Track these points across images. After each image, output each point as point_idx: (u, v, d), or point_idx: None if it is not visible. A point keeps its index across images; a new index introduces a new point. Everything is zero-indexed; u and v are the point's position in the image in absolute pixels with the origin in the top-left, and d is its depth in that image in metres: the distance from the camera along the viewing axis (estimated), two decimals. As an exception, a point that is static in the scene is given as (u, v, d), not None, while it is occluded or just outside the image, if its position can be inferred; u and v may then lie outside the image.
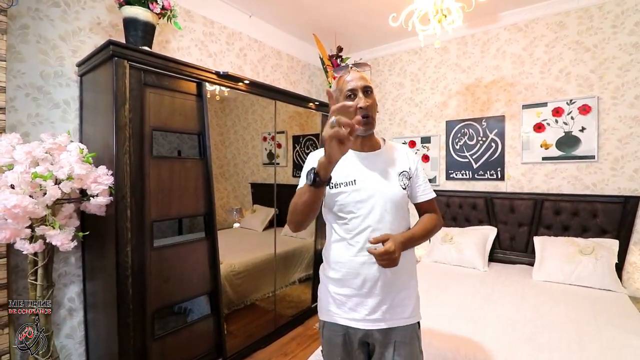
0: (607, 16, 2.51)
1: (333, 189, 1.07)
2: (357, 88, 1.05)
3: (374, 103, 1.08)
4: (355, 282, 1.05)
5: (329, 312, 1.12)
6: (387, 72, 3.68)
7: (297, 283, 3.09)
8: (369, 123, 1.06)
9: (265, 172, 3.33)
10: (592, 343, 1.59)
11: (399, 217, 1.07)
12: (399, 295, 1.06)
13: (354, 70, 1.09)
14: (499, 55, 3.00)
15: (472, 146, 3.17)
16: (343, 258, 1.07)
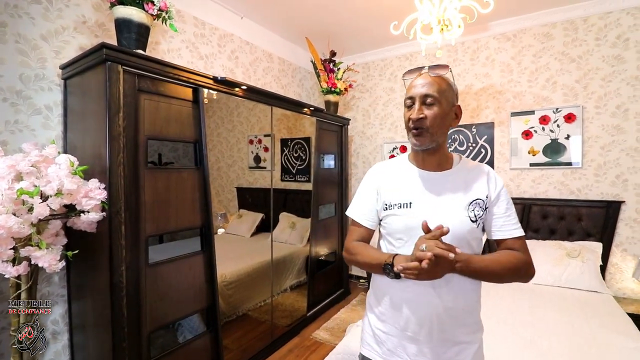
0: (591, 29, 2.63)
1: (386, 210, 0.96)
2: (415, 96, 0.90)
3: (435, 115, 0.89)
4: (399, 321, 0.92)
5: (368, 347, 1.01)
6: (378, 77, 3.69)
7: (289, 290, 3.02)
8: (420, 136, 0.90)
9: (251, 176, 3.24)
10: (591, 348, 1.64)
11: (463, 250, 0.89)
12: (452, 348, 0.89)
13: (424, 74, 0.93)
14: (488, 63, 3.07)
15: (462, 152, 3.23)
16: (388, 288, 0.95)
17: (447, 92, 0.91)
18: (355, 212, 1.04)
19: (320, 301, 3.12)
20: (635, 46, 2.49)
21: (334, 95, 3.31)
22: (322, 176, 3.17)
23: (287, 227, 3.17)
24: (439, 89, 0.89)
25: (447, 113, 0.91)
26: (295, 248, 3.13)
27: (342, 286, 3.49)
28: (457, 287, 0.88)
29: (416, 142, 0.92)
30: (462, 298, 0.89)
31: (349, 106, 3.90)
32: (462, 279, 0.89)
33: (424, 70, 0.93)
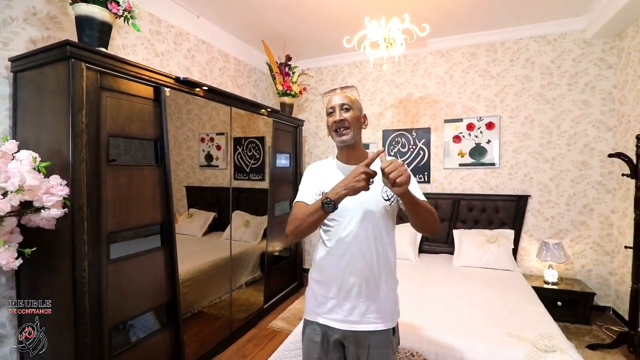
0: (506, 52, 3.15)
1: (320, 196, 1.14)
2: (335, 106, 1.17)
3: (351, 117, 1.15)
4: (336, 285, 1.13)
5: (311, 312, 1.21)
6: (330, 82, 3.93)
7: (245, 286, 3.11)
8: (343, 133, 1.16)
9: (202, 175, 3.26)
10: (503, 313, 2.04)
11: (380, 226, 1.14)
12: (376, 301, 1.13)
13: (337, 92, 1.23)
14: (426, 75, 3.48)
15: (404, 153, 3.61)
16: (326, 262, 1.16)
17: (356, 103, 1.21)
18: (301, 195, 1.21)
19: (276, 294, 3.27)
20: (539, 68, 3.05)
21: (289, 98, 3.48)
22: (278, 175, 3.32)
23: (242, 225, 3.24)
24: (350, 100, 1.18)
25: (358, 117, 1.19)
26: (249, 245, 3.22)
27: (296, 279, 3.67)
28: (379, 256, 1.14)
29: (340, 138, 1.17)
30: (384, 263, 1.14)
31: (303, 108, 4.09)
32: (384, 249, 1.14)
33: (337, 90, 1.23)
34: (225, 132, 3.32)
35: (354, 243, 1.12)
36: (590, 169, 2.92)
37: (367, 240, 1.12)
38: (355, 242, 1.12)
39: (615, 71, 2.81)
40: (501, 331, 1.84)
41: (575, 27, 2.88)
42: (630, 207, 2.62)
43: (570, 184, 2.98)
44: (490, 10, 2.74)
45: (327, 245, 1.17)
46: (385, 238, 1.15)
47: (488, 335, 1.79)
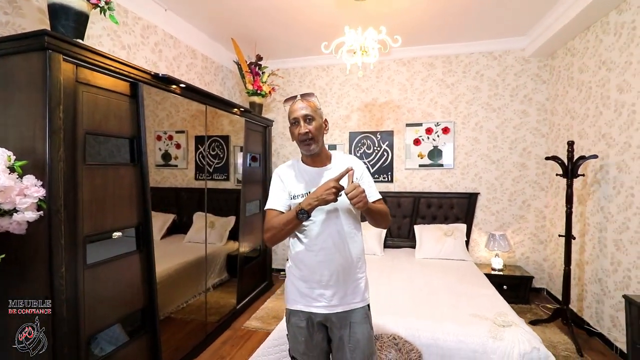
0: (460, 64, 3.50)
1: (293, 199, 1.27)
2: (299, 117, 1.23)
3: (315, 128, 1.23)
4: (316, 277, 1.24)
5: (295, 302, 1.30)
6: (298, 83, 4.00)
7: (212, 289, 3.05)
8: (308, 144, 1.23)
9: (159, 175, 3.13)
10: (463, 296, 2.29)
11: (349, 221, 1.27)
12: (352, 285, 1.27)
13: (299, 100, 1.26)
14: (389, 82, 3.72)
15: (369, 154, 3.82)
16: (304, 257, 1.25)
17: (318, 111, 1.27)
18: (272, 202, 1.29)
19: (247, 294, 3.25)
20: (487, 80, 3.44)
21: (259, 98, 3.48)
22: (248, 175, 3.31)
23: (205, 226, 3.17)
24: (313, 109, 1.24)
25: (321, 125, 1.27)
26: (215, 247, 3.14)
27: (266, 279, 3.68)
28: (350, 246, 1.27)
29: (307, 150, 1.25)
30: (354, 252, 1.28)
31: (270, 108, 4.10)
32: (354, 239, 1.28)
33: (297, 97, 1.27)
34: (186, 130, 3.21)
35: (328, 238, 1.23)
36: (528, 169, 3.38)
37: (339, 234, 1.24)
38: (329, 237, 1.23)
39: (548, 86, 3.29)
40: (465, 313, 2.08)
41: (516, 45, 3.31)
42: (560, 202, 3.09)
43: (511, 183, 3.41)
44: (447, 26, 3.04)
45: (304, 242, 1.26)
46: (353, 229, 1.29)
47: (455, 317, 2.01)
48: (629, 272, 2.17)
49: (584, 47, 2.67)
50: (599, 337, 2.45)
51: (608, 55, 2.37)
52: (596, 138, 2.52)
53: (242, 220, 3.16)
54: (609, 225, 2.38)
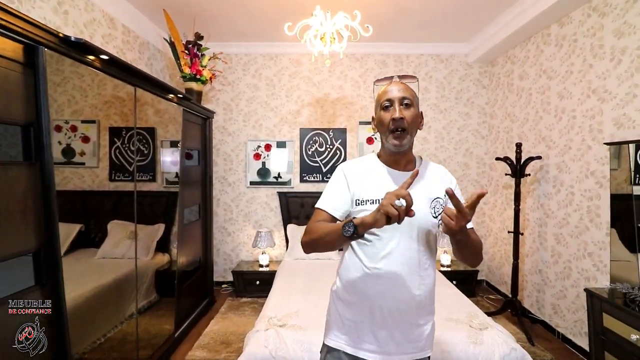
0: (410, 64, 3.52)
1: (358, 205, 0.99)
2: (394, 99, 0.97)
3: (413, 117, 0.97)
4: (369, 310, 0.97)
5: (336, 337, 1.03)
6: (242, 71, 3.57)
7: (140, 315, 2.49)
8: (401, 137, 0.97)
9: (59, 175, 2.45)
10: (433, 300, 2.24)
11: (425, 246, 0.99)
12: (417, 330, 0.99)
13: (396, 81, 1.02)
14: (342, 77, 3.56)
15: (321, 152, 3.61)
16: (360, 282, 0.98)
17: (416, 99, 1.02)
18: (325, 202, 1.02)
19: (187, 317, 2.74)
20: (435, 82, 3.53)
21: (198, 84, 2.96)
22: (186, 175, 2.80)
23: (124, 237, 2.59)
24: (411, 94, 0.99)
25: (418, 115, 1.01)
26: (140, 262, 2.58)
27: (207, 295, 3.18)
28: (422, 279, 0.98)
29: (397, 143, 0.97)
30: (425, 287, 0.99)
31: (208, 98, 3.58)
32: (427, 272, 0.99)
33: (395, 78, 1.04)
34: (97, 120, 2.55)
35: (397, 263, 0.96)
36: (470, 169, 3.58)
37: (409, 262, 0.97)
38: (397, 262, 0.96)
39: (488, 91, 3.53)
40: (440, 317, 2.00)
41: (461, 51, 3.47)
42: (498, 199, 3.33)
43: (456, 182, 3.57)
44: (400, 26, 3.00)
45: (363, 262, 0.98)
46: (429, 258, 1.01)
47: (432, 324, 1.93)
48: (569, 263, 2.39)
49: (525, 56, 2.89)
50: (541, 324, 2.67)
51: (549, 65, 2.59)
52: (536, 140, 2.74)
53: (179, 229, 2.64)
54: (549, 220, 2.60)
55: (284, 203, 3.61)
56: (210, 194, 3.20)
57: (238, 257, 3.66)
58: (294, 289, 2.47)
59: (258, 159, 3.62)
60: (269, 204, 3.64)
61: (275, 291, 2.49)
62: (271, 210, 3.65)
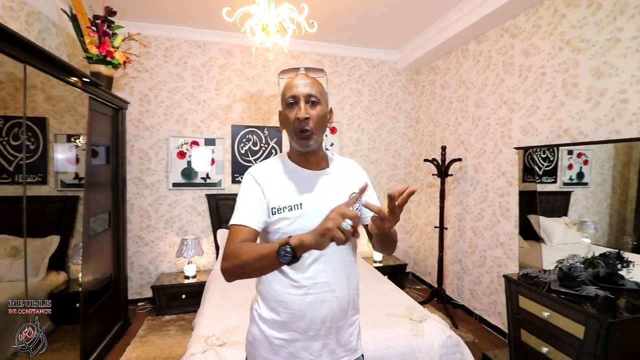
0: (345, 66, 3.58)
1: (275, 214, 0.91)
2: (299, 95, 0.90)
3: (319, 115, 0.92)
4: (301, 325, 0.91)
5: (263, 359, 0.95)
6: (162, 58, 3.15)
7: (32, 352, 2.00)
8: (307, 138, 0.91)
9: None
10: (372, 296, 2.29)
11: (349, 251, 0.98)
12: (347, 332, 0.98)
13: (302, 75, 0.95)
14: (277, 73, 3.42)
15: (256, 151, 3.42)
16: (286, 297, 0.91)
17: (324, 94, 0.97)
18: (241, 216, 0.90)
19: (96, 346, 2.28)
20: (368, 86, 3.66)
21: (108, 68, 2.49)
22: (93, 176, 2.34)
23: (4, 255, 2.08)
24: (318, 90, 0.94)
25: (326, 113, 0.96)
26: (29, 285, 2.08)
27: (121, 317, 2.71)
28: (350, 280, 0.97)
29: (304, 144, 0.92)
30: (352, 287, 0.98)
31: (119, 85, 3.06)
32: (352, 272, 0.98)
33: (301, 70, 0.96)
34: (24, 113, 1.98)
35: (325, 271, 0.92)
36: (398, 169, 3.82)
37: (336, 268, 0.93)
38: (325, 270, 0.92)
39: (413, 97, 3.81)
40: (383, 313, 2.07)
41: (391, 58, 3.67)
42: (423, 197, 3.63)
43: (386, 181, 3.78)
44: (337, 27, 3.02)
45: (289, 275, 0.91)
46: (352, 257, 1.00)
47: (376, 321, 1.96)
48: (484, 252, 2.71)
49: (446, 67, 3.20)
50: (461, 309, 2.98)
51: (467, 77, 2.90)
52: (456, 144, 3.06)
53: (84, 242, 2.19)
54: (467, 215, 2.92)
55: (214, 206, 3.31)
56: (123, 198, 2.73)
57: (158, 269, 3.22)
58: (231, 302, 2.26)
59: (183, 157, 3.25)
60: (196, 207, 3.30)
61: (209, 305, 2.24)
62: (198, 215, 3.31)
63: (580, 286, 1.72)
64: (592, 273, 1.76)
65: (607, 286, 1.69)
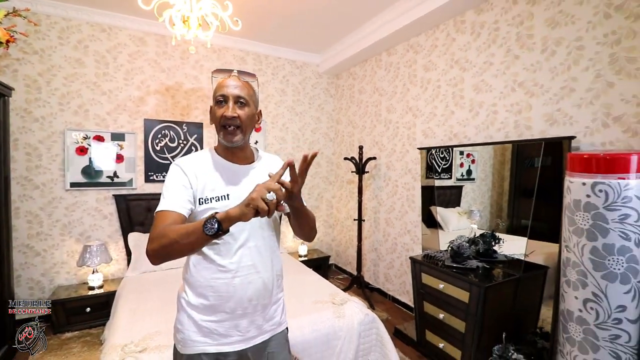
0: (269, 65, 3.62)
1: (202, 204, 0.96)
2: (228, 95, 0.97)
3: (247, 116, 0.99)
4: (229, 306, 0.97)
5: (195, 343, 0.98)
6: (57, 40, 2.73)
7: None
8: (233, 134, 0.98)
9: None
10: (300, 287, 2.41)
11: (272, 230, 1.07)
12: (272, 308, 1.07)
13: (235, 76, 1.01)
14: (197, 67, 3.28)
15: (173, 148, 3.22)
16: (213, 282, 0.96)
17: (254, 97, 1.04)
18: (168, 202, 0.94)
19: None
20: (292, 86, 3.76)
21: (-17, 45, 2.08)
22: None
23: None
24: (248, 92, 1.01)
25: (254, 115, 1.04)
26: None
27: (5, 342, 2.28)
28: (274, 262, 1.06)
29: (229, 139, 0.99)
30: (277, 268, 1.08)
31: (1, 69, 2.56)
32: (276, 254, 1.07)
33: (233, 72, 1.03)
34: None
35: (249, 254, 0.99)
36: (321, 167, 4.02)
37: (261, 249, 1.02)
38: (250, 252, 0.99)
39: (334, 100, 4.05)
40: (309, 302, 2.20)
41: (314, 60, 3.84)
42: (343, 193, 3.90)
43: (310, 179, 3.95)
44: (261, 25, 3.05)
45: (216, 261, 0.97)
46: (276, 242, 1.10)
47: (303, 309, 2.09)
48: (395, 239, 3.07)
49: (363, 74, 3.50)
50: (377, 291, 3.32)
51: (380, 84, 3.23)
52: (372, 144, 3.38)
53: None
54: (381, 208, 3.26)
55: (124, 208, 3.01)
56: (6, 201, 2.30)
57: (53, 282, 2.79)
58: (148, 308, 2.12)
59: (83, 154, 2.87)
60: (101, 210, 2.95)
61: (122, 314, 2.06)
62: (104, 218, 2.97)
63: (466, 261, 2.12)
64: (474, 250, 2.18)
65: (485, 259, 2.12)
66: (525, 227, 1.97)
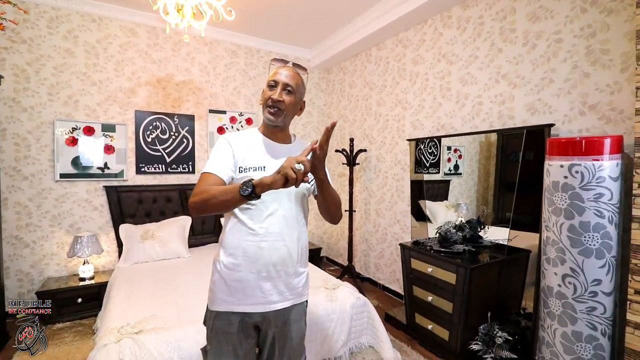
0: (260, 59, 3.65)
1: (242, 172, 1.08)
2: (279, 82, 1.09)
3: (290, 102, 1.10)
4: (255, 267, 1.06)
5: (222, 302, 1.09)
6: (46, 29, 2.71)
7: None
8: (276, 114, 1.10)
9: None
10: (294, 275, 2.46)
11: (300, 205, 1.15)
12: (295, 280, 1.13)
13: (289, 67, 1.13)
14: (188, 59, 3.29)
15: (164, 140, 3.22)
16: (243, 243, 1.07)
17: (300, 88, 1.16)
18: (212, 166, 1.07)
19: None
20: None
21: (-30, 31, 2.05)
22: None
23: None
24: (296, 83, 1.13)
25: (297, 103, 1.16)
26: None
27: (-6, 334, 2.25)
28: (299, 235, 1.15)
29: (272, 117, 1.11)
30: (302, 242, 1.17)
31: (-16, 56, 2.53)
32: (302, 230, 1.17)
33: (289, 64, 1.15)
34: None
35: (277, 222, 1.09)
36: (312, 161, 4.07)
37: (289, 220, 1.11)
38: (278, 221, 1.09)
39: (325, 94, 4.10)
40: (302, 289, 2.25)
41: (305, 55, 3.88)
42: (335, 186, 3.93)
43: (301, 172, 3.99)
44: (252, 19, 3.08)
45: (247, 225, 1.07)
46: (303, 217, 1.18)
47: (298, 295, 2.13)
48: (385, 229, 3.15)
49: (353, 69, 3.57)
50: (368, 281, 3.39)
51: (370, 78, 3.30)
52: (362, 137, 3.45)
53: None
54: (371, 199, 3.34)
55: (115, 199, 2.99)
56: (-6, 191, 2.27)
57: (43, 274, 2.76)
58: (143, 295, 2.13)
59: (73, 144, 2.85)
60: (92, 201, 2.93)
61: (116, 301, 2.07)
62: (95, 210, 2.95)
63: (453, 245, 2.21)
64: (461, 235, 2.27)
65: (471, 244, 2.21)
66: (509, 219, 2.06)
